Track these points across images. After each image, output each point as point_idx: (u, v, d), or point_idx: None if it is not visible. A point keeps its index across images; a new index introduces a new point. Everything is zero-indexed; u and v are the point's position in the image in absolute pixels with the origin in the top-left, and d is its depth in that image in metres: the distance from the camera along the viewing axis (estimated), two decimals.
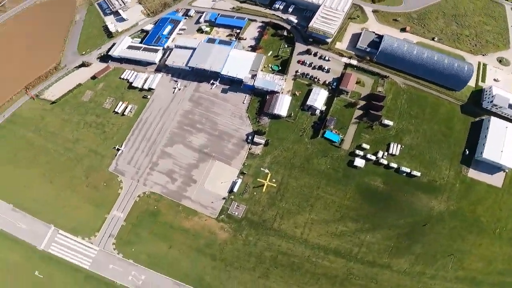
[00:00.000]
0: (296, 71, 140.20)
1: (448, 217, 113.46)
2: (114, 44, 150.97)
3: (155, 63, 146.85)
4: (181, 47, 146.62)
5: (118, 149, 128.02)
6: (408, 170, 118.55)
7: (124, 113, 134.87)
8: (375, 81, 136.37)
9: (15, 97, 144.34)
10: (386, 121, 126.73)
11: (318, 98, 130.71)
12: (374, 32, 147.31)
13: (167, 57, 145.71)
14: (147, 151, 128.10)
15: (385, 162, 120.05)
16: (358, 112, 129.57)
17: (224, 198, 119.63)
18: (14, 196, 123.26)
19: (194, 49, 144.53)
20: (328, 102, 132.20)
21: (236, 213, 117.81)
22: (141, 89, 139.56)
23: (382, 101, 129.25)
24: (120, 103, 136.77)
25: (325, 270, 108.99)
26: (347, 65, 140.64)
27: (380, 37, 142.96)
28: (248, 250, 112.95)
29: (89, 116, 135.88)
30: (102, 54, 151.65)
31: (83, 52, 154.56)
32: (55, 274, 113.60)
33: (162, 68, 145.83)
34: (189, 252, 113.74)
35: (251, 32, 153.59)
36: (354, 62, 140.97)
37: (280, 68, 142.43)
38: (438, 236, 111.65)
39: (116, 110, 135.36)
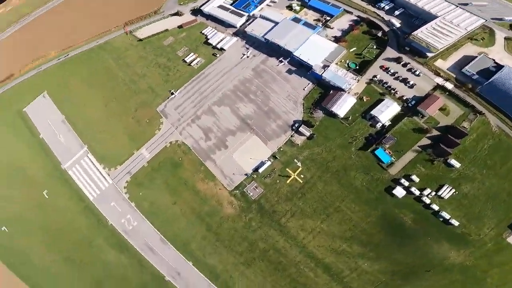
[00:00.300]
0: (374, 76, 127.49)
1: (457, 271, 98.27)
2: (208, 1, 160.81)
3: (235, 27, 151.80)
4: (264, 18, 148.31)
5: (172, 93, 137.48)
6: (447, 216, 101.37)
7: (191, 64, 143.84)
8: (465, 113, 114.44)
9: (114, 29, 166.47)
10: (453, 161, 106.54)
11: (386, 111, 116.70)
12: (493, 60, 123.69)
13: (249, 24, 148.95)
14: (195, 103, 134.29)
15: (427, 201, 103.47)
16: (425, 141, 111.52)
17: (246, 174, 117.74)
18: (70, 109, 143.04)
19: (276, 23, 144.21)
20: (396, 119, 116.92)
21: (251, 194, 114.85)
22: (214, 47, 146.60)
23: (461, 139, 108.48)
24: (192, 54, 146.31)
25: (306, 280, 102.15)
26: (437, 87, 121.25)
27: (499, 66, 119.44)
28: (244, 234, 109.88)
29: (161, 58, 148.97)
30: (195, 8, 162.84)
31: (182, 3, 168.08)
32: (60, 197, 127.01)
33: (240, 33, 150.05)
34: (189, 215, 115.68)
35: (341, 23, 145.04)
36: (449, 85, 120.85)
37: (357, 67, 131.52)
38: (433, 284, 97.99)
39: (185, 59, 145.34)
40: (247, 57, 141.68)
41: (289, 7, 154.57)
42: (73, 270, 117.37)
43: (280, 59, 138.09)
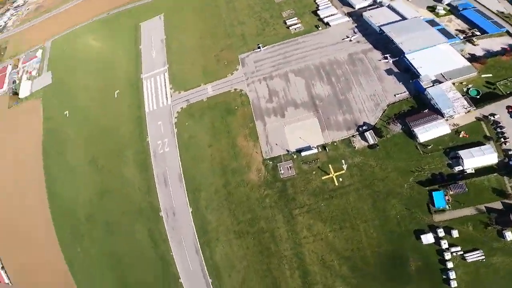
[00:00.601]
0: (492, 114, 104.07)
1: None
2: None
3: (353, 7, 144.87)
4: (392, 9, 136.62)
5: (259, 47, 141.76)
6: (452, 277, 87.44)
7: (289, 27, 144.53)
8: None
9: None
10: (508, 234, 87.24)
11: (477, 158, 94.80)
12: None
13: (369, 9, 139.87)
14: (275, 64, 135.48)
15: (447, 257, 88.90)
16: (496, 204, 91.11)
17: (287, 151, 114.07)
18: (172, 33, 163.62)
19: (403, 19, 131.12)
20: (482, 171, 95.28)
21: (282, 172, 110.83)
22: (320, 19, 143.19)
23: None
24: (294, 18, 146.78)
25: (279, 275, 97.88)
26: None
27: None
28: (252, 206, 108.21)
29: (265, 13, 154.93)
30: None
31: None
32: (125, 101, 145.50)
33: (354, 15, 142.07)
34: (216, 163, 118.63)
35: (492, 43, 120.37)
36: None
37: (478, 96, 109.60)
38: None
39: (286, 21, 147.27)
40: (350, 40, 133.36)
41: (431, 8, 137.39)
42: (89, 174, 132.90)
43: (385, 55, 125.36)
